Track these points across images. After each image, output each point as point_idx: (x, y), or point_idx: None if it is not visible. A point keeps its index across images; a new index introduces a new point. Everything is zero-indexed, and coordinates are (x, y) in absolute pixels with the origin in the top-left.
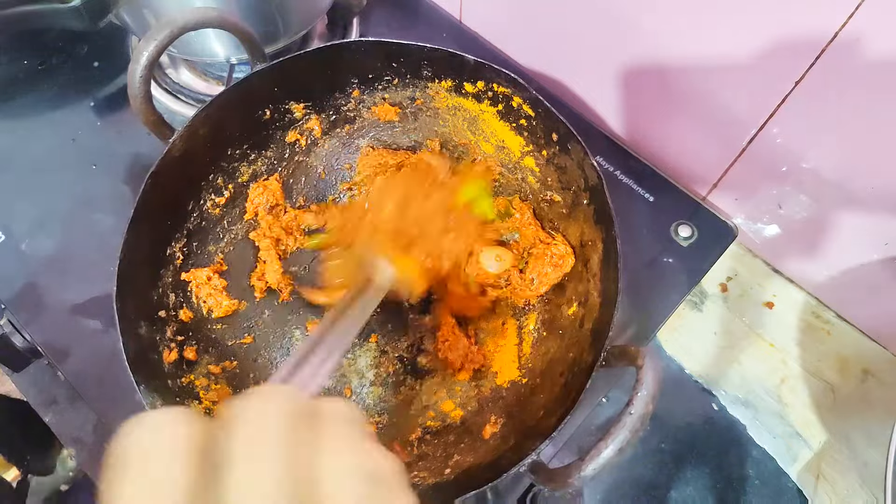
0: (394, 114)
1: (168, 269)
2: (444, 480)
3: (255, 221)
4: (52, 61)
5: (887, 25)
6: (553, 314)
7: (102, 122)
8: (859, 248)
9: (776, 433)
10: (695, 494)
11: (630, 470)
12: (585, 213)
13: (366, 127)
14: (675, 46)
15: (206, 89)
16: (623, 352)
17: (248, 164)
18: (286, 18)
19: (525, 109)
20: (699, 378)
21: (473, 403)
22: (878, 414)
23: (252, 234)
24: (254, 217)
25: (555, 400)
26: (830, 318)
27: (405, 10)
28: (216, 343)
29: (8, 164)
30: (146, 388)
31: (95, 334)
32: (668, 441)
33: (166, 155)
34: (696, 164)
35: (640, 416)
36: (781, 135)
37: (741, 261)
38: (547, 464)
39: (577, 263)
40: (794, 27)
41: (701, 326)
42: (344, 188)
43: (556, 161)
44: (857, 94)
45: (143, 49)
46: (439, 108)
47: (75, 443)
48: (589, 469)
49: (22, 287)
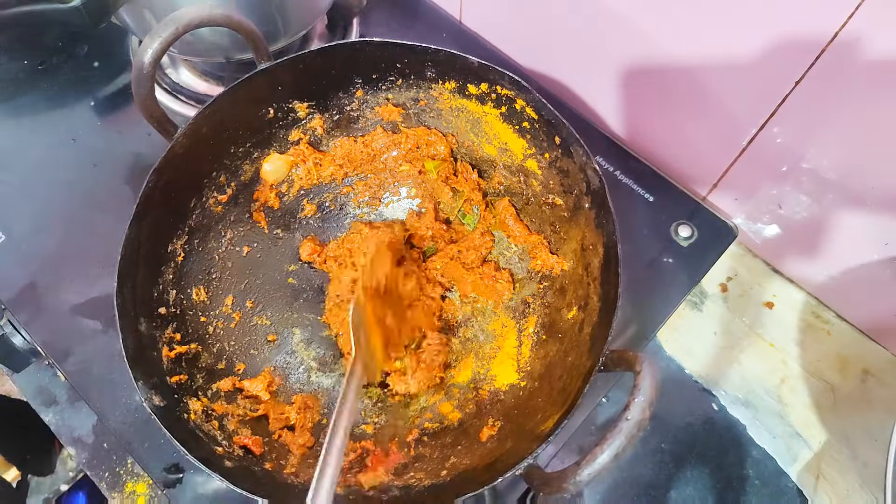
0: (397, 114)
1: (169, 267)
2: (440, 482)
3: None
4: (53, 61)
5: (887, 26)
6: (553, 318)
7: (103, 121)
8: (859, 248)
9: (776, 433)
10: (695, 494)
11: (630, 470)
12: (587, 217)
13: (368, 128)
14: (675, 47)
15: (206, 89)
16: (621, 357)
17: (250, 162)
18: (286, 18)
19: (528, 112)
20: (699, 378)
21: (471, 406)
22: (878, 414)
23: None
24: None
25: (553, 404)
26: (830, 318)
27: (405, 11)
28: (215, 341)
29: (8, 164)
30: (145, 384)
31: (95, 334)
32: (668, 441)
33: (169, 152)
34: (697, 164)
35: (636, 422)
36: (781, 135)
37: (741, 261)
38: (547, 463)
39: (578, 267)
40: (794, 27)
41: (701, 326)
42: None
43: (559, 164)
44: (857, 94)
45: (147, 46)
46: (442, 110)
47: (75, 443)
48: (584, 475)
49: (22, 287)
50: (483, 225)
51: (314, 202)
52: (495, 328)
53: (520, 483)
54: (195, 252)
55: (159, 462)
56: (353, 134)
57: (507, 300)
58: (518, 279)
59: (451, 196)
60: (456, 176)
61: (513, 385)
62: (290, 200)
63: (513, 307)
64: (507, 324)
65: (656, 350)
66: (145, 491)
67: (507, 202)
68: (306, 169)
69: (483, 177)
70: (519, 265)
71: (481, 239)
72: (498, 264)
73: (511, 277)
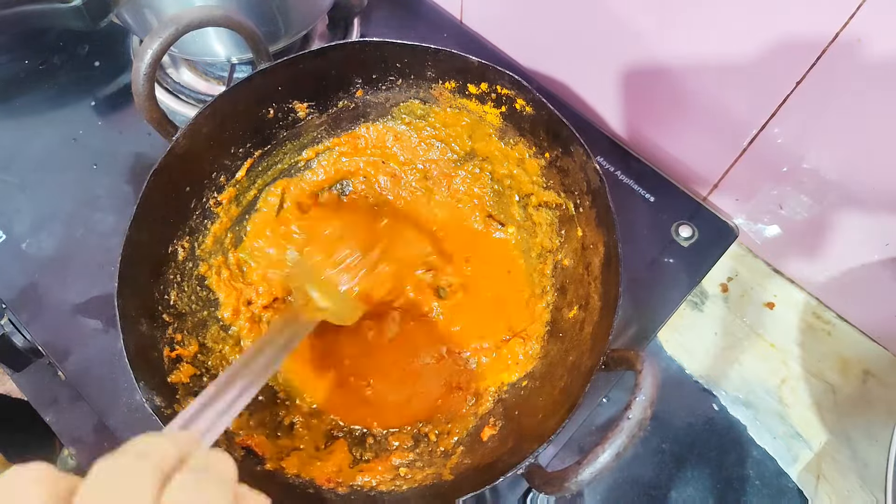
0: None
1: (169, 267)
2: (441, 482)
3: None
4: (53, 61)
5: (888, 26)
6: (554, 317)
7: (103, 121)
8: (860, 248)
9: (777, 433)
10: (695, 495)
11: (630, 470)
12: (587, 216)
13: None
14: (676, 47)
15: (206, 89)
16: (622, 356)
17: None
18: (287, 18)
19: (528, 112)
20: (700, 378)
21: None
22: (878, 414)
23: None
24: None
25: (553, 403)
26: (831, 318)
27: (406, 10)
28: (216, 341)
29: (8, 164)
30: (146, 385)
31: (96, 334)
32: (668, 441)
33: (169, 152)
34: (697, 165)
35: (637, 422)
36: (782, 135)
37: (742, 261)
38: (548, 463)
39: (579, 266)
40: (795, 28)
41: (702, 327)
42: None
43: (559, 164)
44: (858, 94)
45: (147, 46)
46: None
47: (76, 442)
48: (586, 474)
49: (23, 287)
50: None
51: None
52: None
53: (520, 483)
54: (195, 252)
55: None
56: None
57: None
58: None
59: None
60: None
61: (513, 384)
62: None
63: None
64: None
65: (657, 350)
66: None
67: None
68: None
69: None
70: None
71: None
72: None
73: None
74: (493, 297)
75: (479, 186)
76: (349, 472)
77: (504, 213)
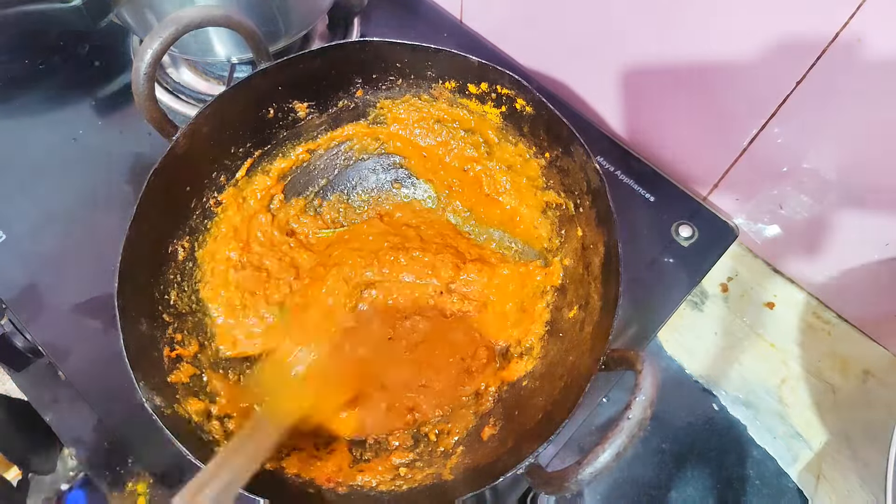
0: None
1: (169, 267)
2: (441, 482)
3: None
4: (53, 60)
5: (888, 26)
6: (554, 317)
7: (103, 121)
8: (860, 248)
9: (777, 433)
10: (695, 495)
11: (630, 470)
12: (587, 216)
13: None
14: (676, 46)
15: (206, 89)
16: (622, 356)
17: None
18: (287, 18)
19: (528, 112)
20: (700, 378)
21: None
22: (878, 414)
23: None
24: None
25: (554, 403)
26: (831, 318)
27: (406, 10)
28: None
29: (8, 164)
30: (146, 385)
31: (96, 334)
32: (668, 441)
33: (170, 152)
34: (697, 165)
35: (638, 422)
36: (782, 135)
37: (742, 261)
38: (548, 463)
39: (579, 266)
40: (795, 28)
41: (702, 326)
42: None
43: (559, 164)
44: (858, 94)
45: (147, 46)
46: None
47: (76, 442)
48: (586, 473)
49: (23, 287)
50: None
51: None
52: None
53: (521, 483)
54: (196, 252)
55: (159, 462)
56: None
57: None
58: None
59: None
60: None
61: (514, 385)
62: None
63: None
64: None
65: (657, 350)
66: (145, 491)
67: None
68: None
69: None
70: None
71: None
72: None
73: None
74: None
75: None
76: (349, 472)
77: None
